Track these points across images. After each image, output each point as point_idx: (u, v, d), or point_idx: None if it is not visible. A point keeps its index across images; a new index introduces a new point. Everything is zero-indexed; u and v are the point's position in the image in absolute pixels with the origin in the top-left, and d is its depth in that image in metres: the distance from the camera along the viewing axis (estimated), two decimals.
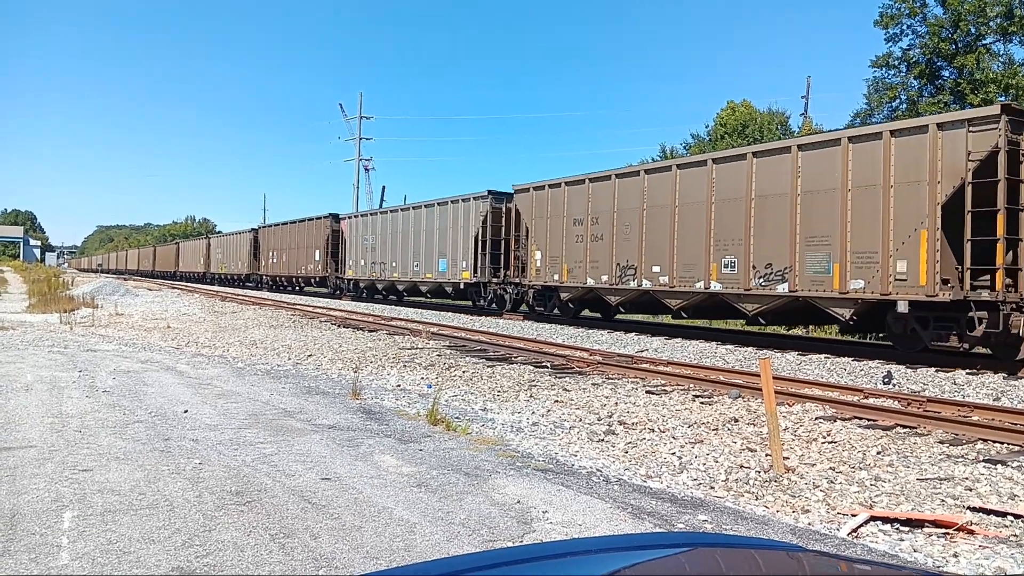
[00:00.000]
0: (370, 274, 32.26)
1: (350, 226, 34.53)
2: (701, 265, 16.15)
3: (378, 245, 31.38)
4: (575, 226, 20.04)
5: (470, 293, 25.46)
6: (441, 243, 26.73)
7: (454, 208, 26.21)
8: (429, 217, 27.91)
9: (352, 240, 33.97)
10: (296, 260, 40.18)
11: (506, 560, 1.35)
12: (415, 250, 28.53)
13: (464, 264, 25.28)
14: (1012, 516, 4.74)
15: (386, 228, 30.95)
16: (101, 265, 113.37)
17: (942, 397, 9.26)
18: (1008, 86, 26.81)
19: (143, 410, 7.20)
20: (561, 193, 20.70)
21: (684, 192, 16.79)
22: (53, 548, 3.64)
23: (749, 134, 37.24)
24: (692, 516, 4.48)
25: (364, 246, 32.65)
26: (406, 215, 29.82)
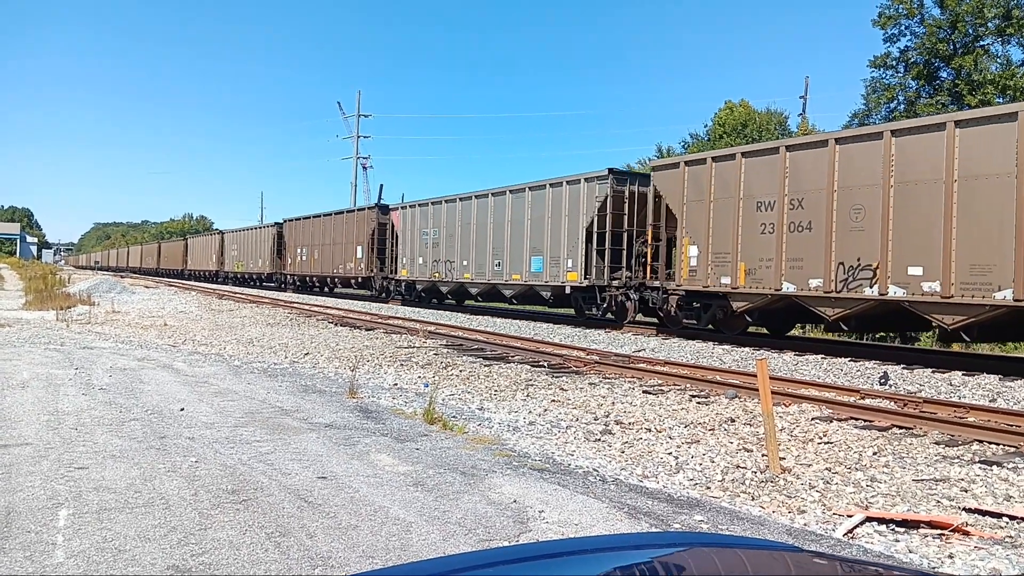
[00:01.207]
0: (431, 275, 26.83)
1: (404, 218, 29.03)
2: (1006, 265, 11.03)
3: (442, 240, 26.13)
4: (758, 211, 14.79)
5: (577, 300, 20.26)
6: (535, 236, 21.54)
7: (555, 193, 20.84)
8: (518, 205, 22.46)
9: (407, 234, 28.64)
10: (331, 258, 35.16)
11: (502, 559, 1.35)
12: (496, 246, 23.17)
13: (570, 263, 20.18)
14: (1007, 517, 4.75)
15: (454, 219, 25.45)
16: (98, 262, 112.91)
17: (938, 398, 9.28)
18: (1006, 87, 26.87)
19: (139, 408, 7.19)
20: (733, 168, 15.39)
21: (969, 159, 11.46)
22: (48, 546, 3.63)
23: (748, 134, 37.30)
24: (688, 516, 4.48)
25: (423, 241, 27.46)
26: (483, 203, 24.07)
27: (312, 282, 38.18)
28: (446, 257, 25.97)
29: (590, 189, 19.70)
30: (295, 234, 40.32)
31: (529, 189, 22.04)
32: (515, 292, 22.80)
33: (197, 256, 59.37)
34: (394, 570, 1.20)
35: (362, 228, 32.59)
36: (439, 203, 26.81)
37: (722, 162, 15.86)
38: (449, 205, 26.14)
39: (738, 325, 16.12)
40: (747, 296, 15.15)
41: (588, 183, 19.73)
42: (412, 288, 28.91)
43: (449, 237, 25.90)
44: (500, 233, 23.20)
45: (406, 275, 28.85)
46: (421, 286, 28.02)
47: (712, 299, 16.18)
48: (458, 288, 25.96)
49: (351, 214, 34.22)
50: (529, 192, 22.05)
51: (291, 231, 41.08)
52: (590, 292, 19.69)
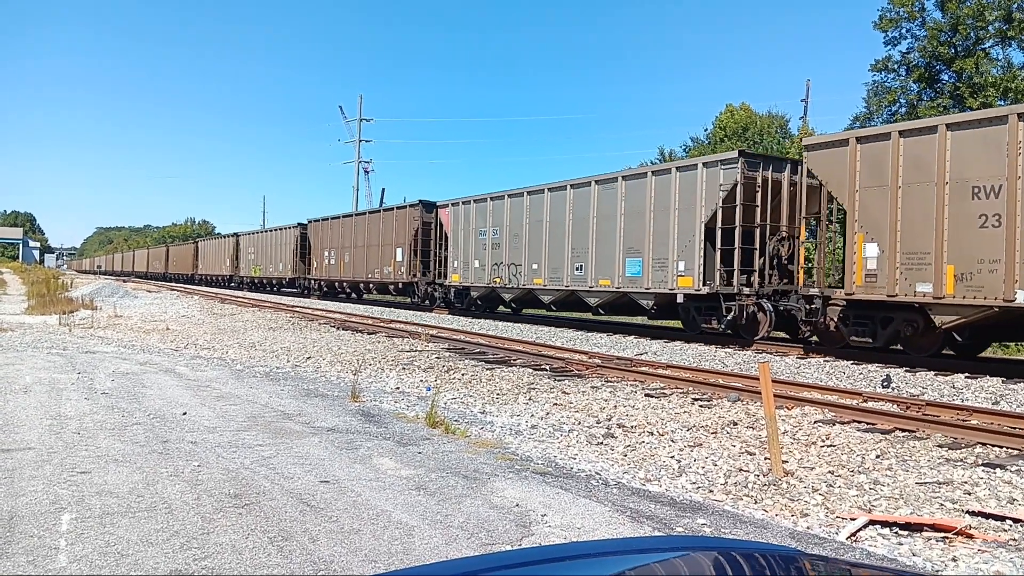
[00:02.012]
0: (490, 280, 23.37)
1: (455, 216, 25.60)
2: None
3: (504, 240, 22.71)
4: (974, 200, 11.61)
5: (689, 310, 16.84)
6: (632, 235, 18.02)
7: (661, 182, 17.34)
8: (607, 198, 18.86)
9: (459, 234, 25.27)
10: (365, 261, 31.83)
11: (505, 564, 1.35)
12: (578, 246, 19.74)
13: (681, 266, 16.68)
14: (1011, 520, 4.74)
15: (520, 216, 22.01)
16: (100, 267, 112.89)
17: (941, 401, 9.26)
18: (1007, 90, 26.87)
19: (142, 412, 7.20)
20: (932, 145, 12.09)
21: None
22: (51, 550, 3.63)
23: (749, 137, 37.30)
24: (691, 520, 4.47)
25: (479, 242, 24.06)
26: (560, 196, 20.62)
27: (342, 288, 35.35)
28: (510, 260, 22.50)
29: (711, 176, 16.13)
30: (322, 235, 36.81)
31: (623, 179, 18.56)
32: (603, 300, 19.06)
33: (209, 260, 56.49)
34: (396, 574, 1.20)
35: (402, 228, 29.04)
36: (500, 198, 23.22)
37: (915, 137, 12.45)
38: (514, 200, 22.53)
39: (930, 344, 12.98)
40: (958, 308, 11.77)
41: (708, 169, 16.25)
42: (463, 295, 25.44)
43: (514, 237, 22.32)
44: (582, 231, 19.62)
45: (457, 280, 25.37)
46: (477, 293, 24.39)
47: (896, 311, 12.83)
48: (524, 295, 22.29)
49: (389, 213, 30.51)
50: (623, 182, 18.44)
51: (317, 232, 37.52)
52: (710, 301, 16.15)
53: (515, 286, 22.27)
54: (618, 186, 18.63)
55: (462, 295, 25.66)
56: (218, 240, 56.73)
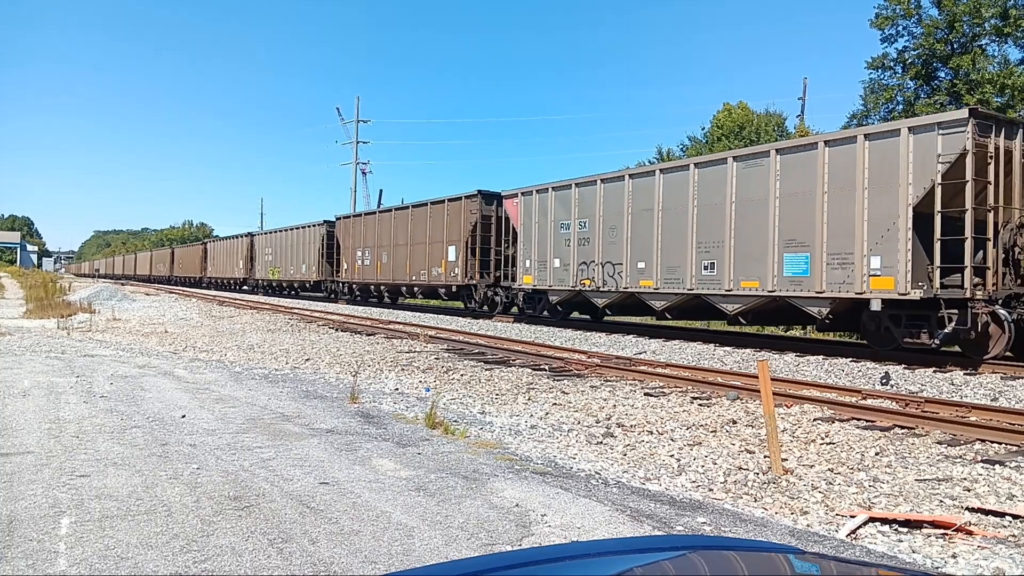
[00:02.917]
0: (577, 282, 19.68)
1: (526, 207, 21.85)
2: None
3: (597, 234, 19.02)
4: None
5: (881, 321, 13.10)
6: (793, 222, 14.09)
7: (839, 155, 13.48)
8: (748, 179, 15.07)
9: (532, 229, 21.48)
10: (407, 262, 28.30)
11: (505, 564, 1.35)
12: (706, 239, 15.93)
13: (876, 263, 12.86)
14: (1010, 516, 4.74)
15: (619, 204, 18.34)
16: (99, 270, 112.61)
17: (940, 398, 9.27)
18: (1004, 87, 26.90)
19: (140, 415, 7.19)
20: None
21: None
22: (50, 554, 3.63)
23: (746, 136, 37.32)
24: (691, 518, 4.47)
25: (560, 237, 20.44)
26: (676, 180, 16.84)
27: (379, 291, 31.42)
28: (604, 257, 18.75)
29: (922, 145, 12.30)
30: (353, 233, 33.15)
31: (778, 153, 14.58)
32: (746, 307, 15.20)
33: (220, 262, 52.83)
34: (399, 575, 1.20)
35: (456, 223, 25.16)
36: (590, 183, 19.43)
37: None
38: (610, 186, 18.75)
39: None
40: None
41: (919, 135, 12.36)
42: (537, 299, 21.92)
43: (610, 230, 18.56)
44: (714, 220, 15.74)
45: (529, 283, 21.67)
46: (557, 297, 20.63)
47: None
48: (624, 300, 18.57)
49: (439, 206, 26.48)
50: (778, 158, 14.50)
51: (347, 230, 33.89)
52: (920, 308, 12.47)
53: (612, 289, 18.46)
54: (769, 163, 14.65)
55: (535, 300, 22.00)
56: (230, 241, 52.07)
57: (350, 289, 33.95)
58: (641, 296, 17.88)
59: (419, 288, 28.06)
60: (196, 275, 58.11)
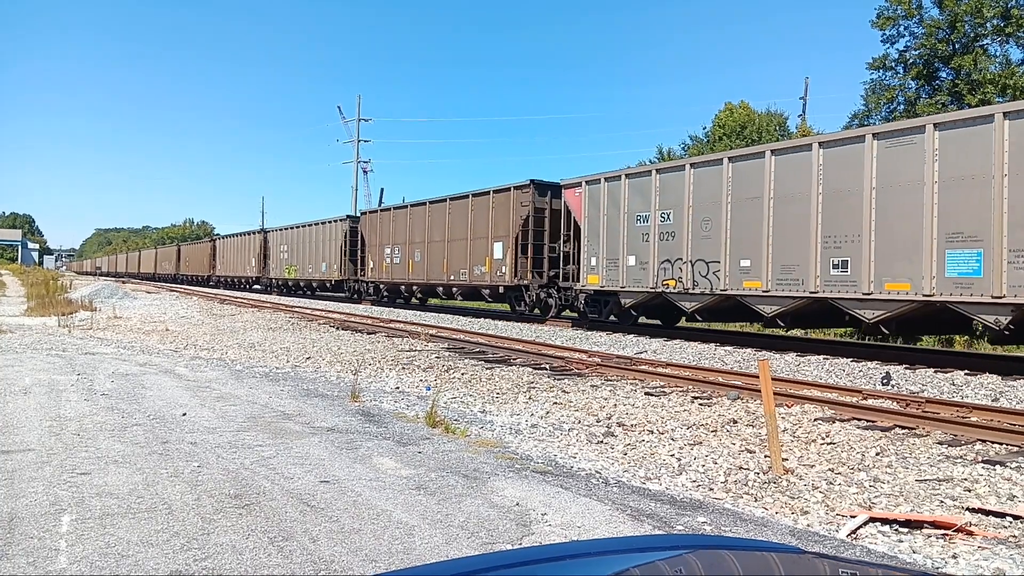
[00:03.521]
0: (658, 282, 17.17)
1: (590, 198, 19.23)
2: None
3: (686, 227, 16.46)
4: None
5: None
6: (958, 211, 11.81)
7: None
8: (901, 158, 12.62)
9: (598, 222, 18.99)
10: (447, 260, 25.75)
11: (505, 563, 1.35)
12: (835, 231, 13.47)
13: None
14: (1011, 517, 4.74)
15: (715, 192, 15.74)
16: (100, 268, 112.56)
17: (941, 398, 9.27)
18: (1006, 87, 26.88)
19: (141, 413, 7.19)
20: None
21: None
22: (51, 551, 3.63)
23: (747, 135, 37.30)
24: (691, 518, 4.47)
25: (635, 231, 17.87)
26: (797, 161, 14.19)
27: (410, 292, 29.24)
28: (694, 255, 16.27)
29: None
30: (381, 229, 30.87)
31: (936, 128, 12.07)
32: (892, 313, 12.69)
33: (230, 260, 50.48)
34: (397, 574, 1.20)
35: (504, 216, 22.65)
36: (676, 169, 17.08)
37: None
38: (702, 171, 16.26)
39: None
40: None
41: None
42: (603, 302, 19.29)
43: (704, 222, 16.03)
44: (847, 209, 13.23)
45: (596, 283, 19.11)
46: (631, 299, 18.10)
47: None
48: (720, 304, 15.97)
49: (482, 198, 23.89)
50: (936, 133, 12.03)
51: (373, 226, 31.66)
52: None
53: (705, 291, 15.91)
54: (924, 140, 12.17)
55: (600, 303, 19.40)
56: (241, 238, 49.28)
57: (376, 289, 31.50)
58: (745, 299, 15.09)
59: (459, 289, 25.39)
60: (204, 274, 55.99)
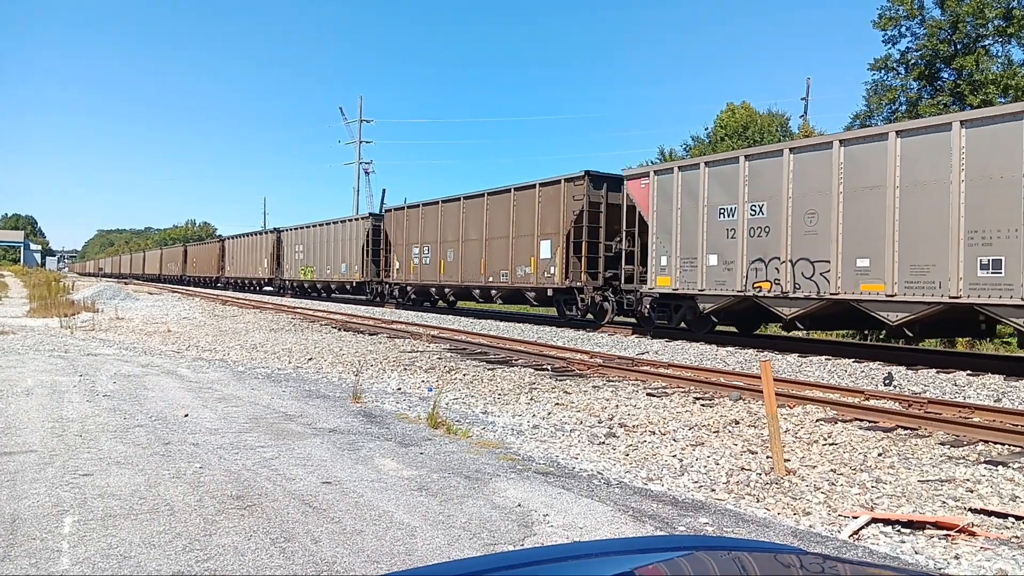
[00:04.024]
0: (747, 284, 14.89)
1: (660, 189, 17.09)
2: None
3: (784, 220, 14.17)
4: None
5: None
6: None
7: None
8: None
9: (670, 216, 16.74)
10: (485, 260, 23.64)
11: (507, 564, 1.35)
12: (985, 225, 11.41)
13: None
14: (1013, 518, 4.73)
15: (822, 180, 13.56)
16: (102, 269, 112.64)
17: (943, 398, 9.26)
18: (1007, 87, 26.86)
19: (143, 414, 7.20)
20: None
21: None
22: (54, 553, 3.64)
23: (749, 136, 37.29)
24: (693, 519, 4.47)
25: (717, 226, 15.62)
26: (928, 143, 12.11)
27: (441, 295, 27.09)
28: (795, 253, 14.01)
29: None
30: (408, 228, 28.78)
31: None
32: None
33: (240, 260, 48.62)
34: (400, 575, 1.20)
35: (552, 211, 20.70)
36: (772, 155, 14.70)
37: None
38: (805, 157, 13.98)
39: None
40: None
41: None
42: (676, 306, 17.08)
43: (807, 216, 13.75)
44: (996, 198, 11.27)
45: (666, 285, 16.88)
46: (713, 304, 15.77)
47: None
48: (829, 308, 13.65)
49: (527, 192, 21.83)
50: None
51: (399, 224, 29.49)
52: None
53: (810, 295, 13.67)
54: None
55: (670, 307, 17.23)
56: (252, 237, 47.21)
57: (402, 292, 29.41)
58: (862, 305, 12.96)
59: (498, 291, 23.22)
60: (212, 275, 54.15)
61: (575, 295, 20.13)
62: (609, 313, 19.68)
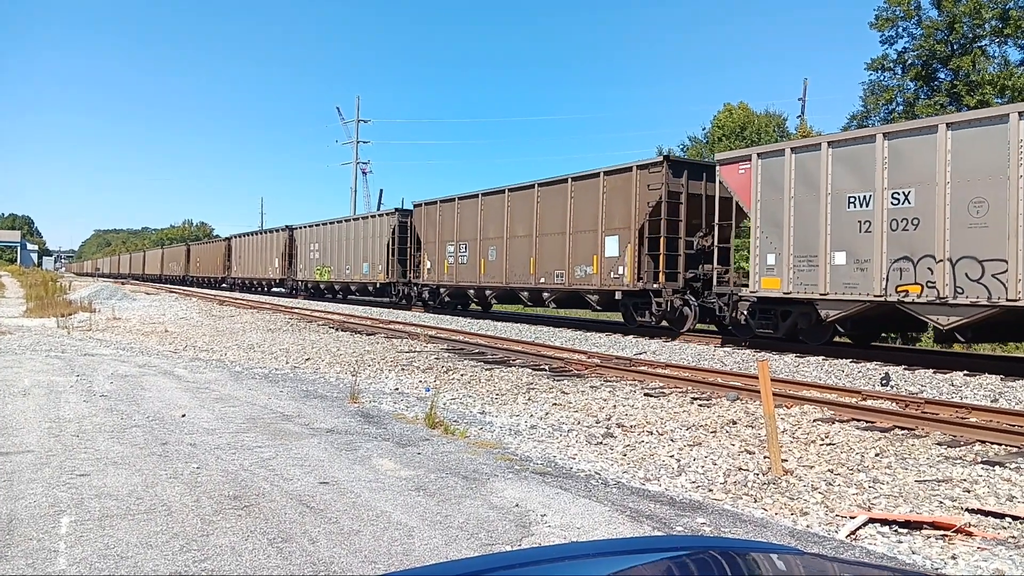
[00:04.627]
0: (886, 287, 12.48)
1: (764, 176, 14.75)
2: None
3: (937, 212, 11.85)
4: None
5: None
6: None
7: None
8: None
9: (779, 206, 14.35)
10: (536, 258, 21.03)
11: (505, 564, 1.35)
12: None
13: None
14: (1010, 517, 4.74)
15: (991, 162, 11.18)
16: (99, 269, 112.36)
17: (940, 399, 9.27)
18: (1004, 87, 26.91)
19: (140, 415, 7.19)
20: None
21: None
22: (50, 553, 3.63)
23: (747, 136, 37.32)
24: (691, 519, 4.47)
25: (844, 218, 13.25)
26: None
27: (481, 297, 24.58)
28: (955, 251, 11.58)
29: None
30: (441, 224, 26.03)
31: None
32: None
33: (248, 260, 46.37)
34: (398, 575, 1.20)
35: (621, 203, 18.12)
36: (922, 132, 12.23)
37: None
38: (966, 133, 11.58)
39: None
40: None
41: None
42: (783, 312, 14.70)
43: (972, 205, 11.43)
44: None
45: (774, 287, 14.37)
46: (839, 311, 13.30)
47: None
48: (999, 317, 11.42)
49: (588, 181, 19.20)
50: None
51: (429, 220, 26.75)
52: None
53: (977, 300, 11.30)
54: None
55: (776, 314, 14.82)
56: (262, 236, 44.97)
57: (433, 294, 26.96)
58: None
59: (552, 293, 20.54)
60: (217, 275, 52.05)
61: (650, 298, 17.53)
62: (690, 319, 17.22)
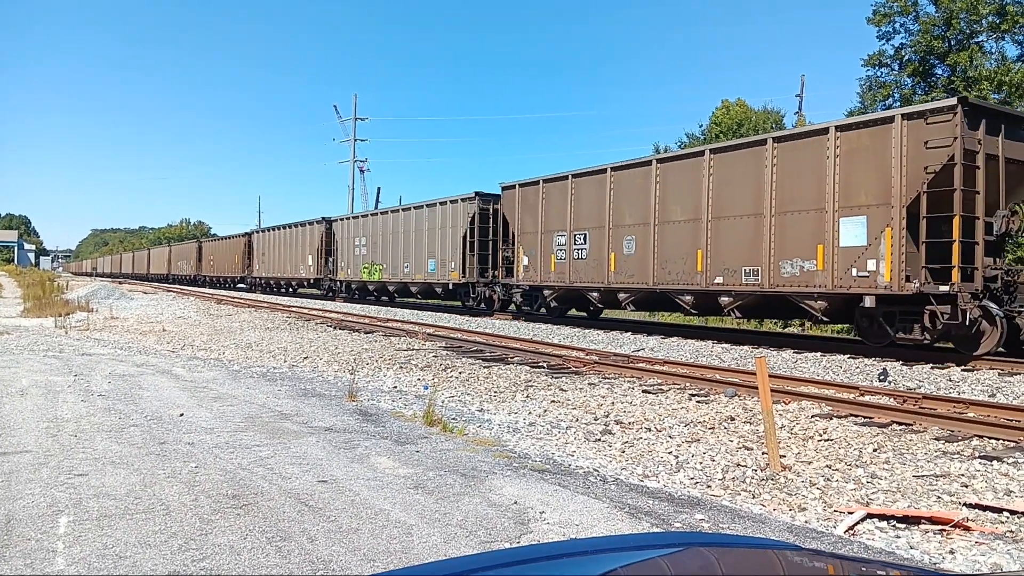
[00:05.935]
0: None
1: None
2: None
3: None
4: None
5: None
6: None
7: None
8: None
9: None
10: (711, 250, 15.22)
11: (503, 561, 1.35)
12: None
13: None
14: (1008, 512, 4.75)
15: None
16: (96, 268, 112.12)
17: (938, 394, 9.28)
18: (1001, 83, 26.91)
19: (139, 414, 7.18)
20: None
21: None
22: (48, 553, 3.62)
23: (744, 133, 37.31)
24: (689, 515, 4.48)
25: None
26: None
27: (606, 301, 19.31)
28: None
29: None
30: (546, 209, 20.61)
31: None
32: None
33: (272, 258, 41.48)
34: (396, 573, 1.20)
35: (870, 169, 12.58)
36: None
37: None
38: None
39: None
40: None
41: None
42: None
43: None
44: None
45: None
46: None
47: None
48: None
49: (805, 141, 13.96)
50: None
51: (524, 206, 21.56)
52: None
53: None
54: None
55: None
56: (291, 230, 39.14)
57: (527, 296, 21.99)
58: None
59: (735, 298, 15.04)
60: (235, 274, 47.43)
61: (921, 307, 12.11)
62: (990, 337, 11.99)
